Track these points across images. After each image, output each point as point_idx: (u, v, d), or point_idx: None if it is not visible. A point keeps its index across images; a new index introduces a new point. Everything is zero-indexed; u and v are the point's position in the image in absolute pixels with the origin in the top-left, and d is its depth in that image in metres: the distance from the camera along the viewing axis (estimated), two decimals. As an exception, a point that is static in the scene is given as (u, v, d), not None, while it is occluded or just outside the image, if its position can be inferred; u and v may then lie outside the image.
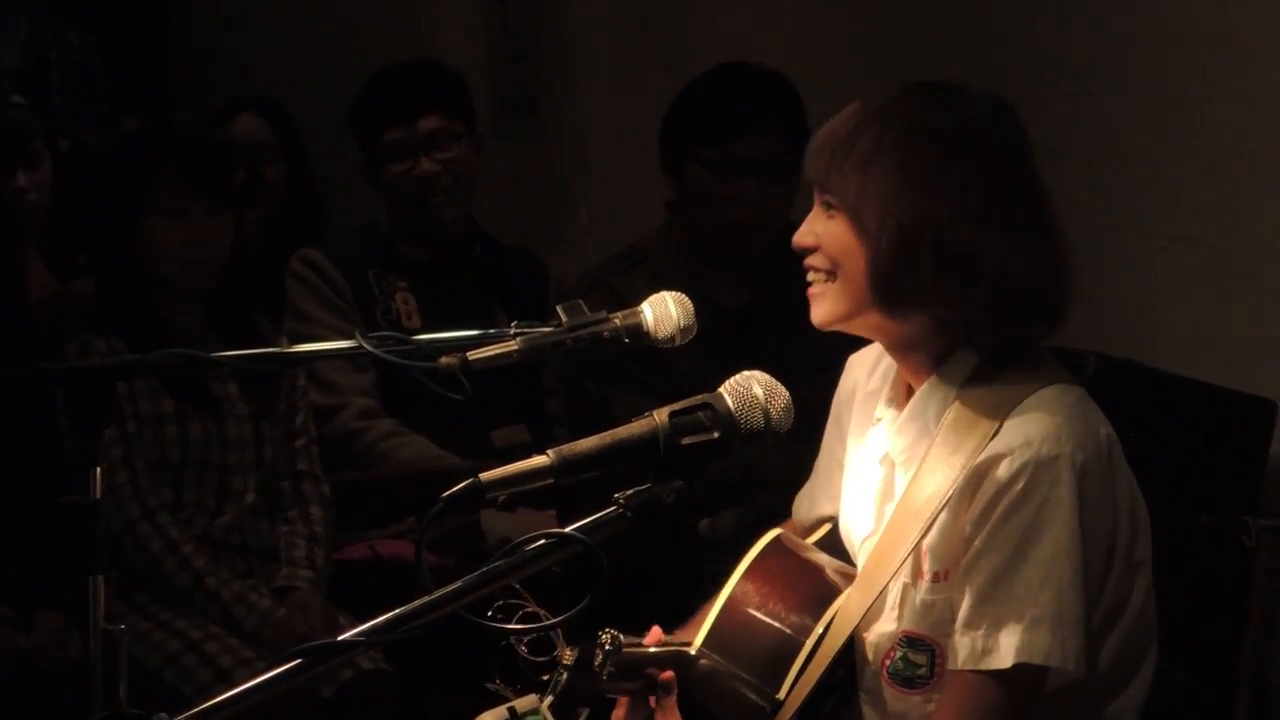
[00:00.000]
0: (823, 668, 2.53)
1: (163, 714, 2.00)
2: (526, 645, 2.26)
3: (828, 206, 2.56)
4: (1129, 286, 4.28)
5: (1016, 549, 2.44)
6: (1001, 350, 2.55)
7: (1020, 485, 2.45)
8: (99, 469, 2.46)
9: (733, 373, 2.35)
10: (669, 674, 2.51)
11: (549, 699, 2.34)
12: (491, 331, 2.53)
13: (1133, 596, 2.56)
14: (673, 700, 2.51)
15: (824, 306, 2.58)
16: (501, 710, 2.25)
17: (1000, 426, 2.48)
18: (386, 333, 2.56)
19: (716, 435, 2.25)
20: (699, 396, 2.28)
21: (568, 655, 2.24)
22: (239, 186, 3.90)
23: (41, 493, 3.30)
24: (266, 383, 3.89)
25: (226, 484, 3.83)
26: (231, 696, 2.01)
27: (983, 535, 2.46)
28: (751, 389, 2.29)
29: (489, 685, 2.45)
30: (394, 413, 4.29)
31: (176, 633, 3.69)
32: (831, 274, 2.55)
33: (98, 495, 2.46)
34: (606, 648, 2.25)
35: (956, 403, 2.53)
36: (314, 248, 4.46)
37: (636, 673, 2.50)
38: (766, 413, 2.28)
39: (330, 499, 3.98)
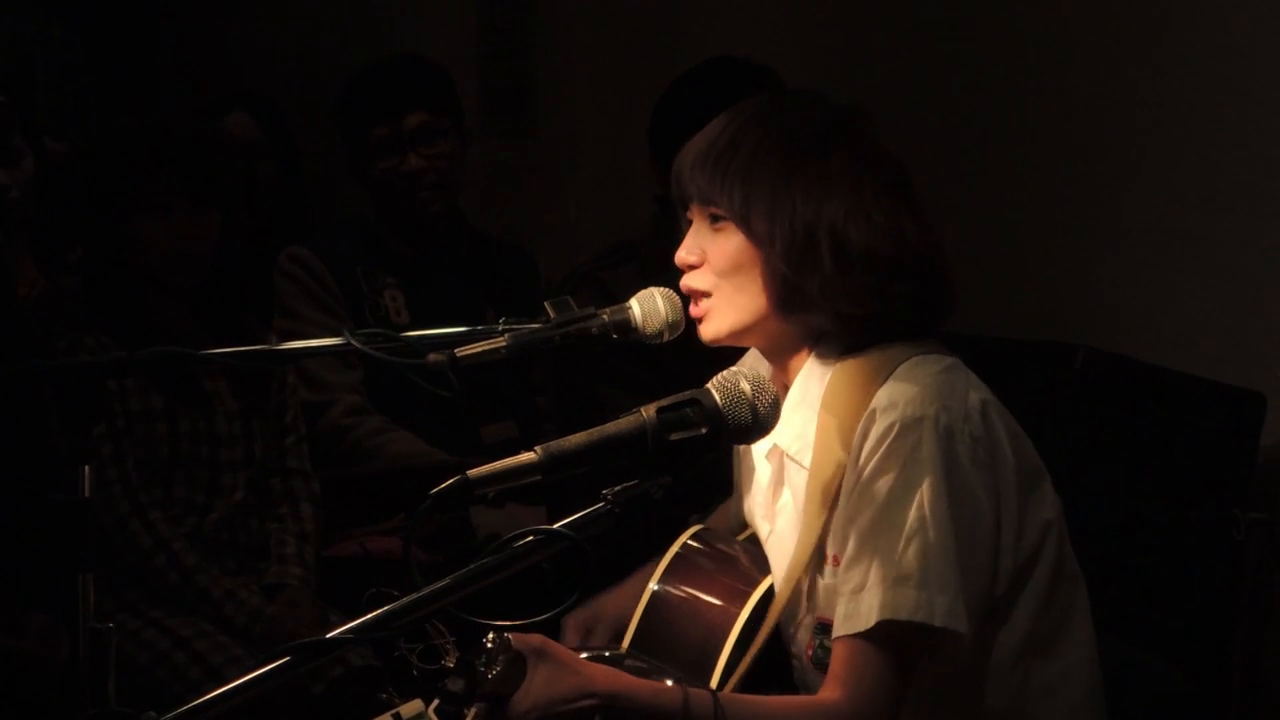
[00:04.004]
0: (749, 661, 2.53)
1: (152, 712, 2.00)
2: (418, 654, 2.26)
3: (714, 219, 2.54)
4: (1117, 280, 4.29)
5: (881, 511, 2.45)
6: (874, 331, 2.55)
7: (884, 448, 2.45)
8: (88, 466, 2.46)
9: (721, 368, 2.35)
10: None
11: (434, 703, 2.35)
12: (479, 328, 2.53)
13: (1042, 557, 2.55)
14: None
15: (716, 322, 2.56)
16: (386, 717, 2.27)
17: (873, 396, 2.49)
18: (375, 329, 2.56)
19: (704, 431, 2.26)
20: (686, 392, 2.29)
21: (452, 659, 2.24)
22: (226, 181, 3.88)
23: (31, 491, 3.29)
24: (256, 379, 3.89)
25: (216, 481, 3.82)
26: (222, 694, 2.01)
27: (853, 501, 2.47)
28: (739, 384, 2.31)
29: (381, 695, 2.45)
30: (383, 409, 4.28)
31: (166, 630, 3.68)
32: (717, 290, 2.54)
33: (87, 493, 2.46)
34: (489, 648, 2.25)
35: (832, 381, 2.54)
36: (302, 245, 4.46)
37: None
38: (753, 408, 2.30)
39: (320, 496, 3.98)
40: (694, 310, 2.58)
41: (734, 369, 2.34)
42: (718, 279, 2.54)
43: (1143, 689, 2.86)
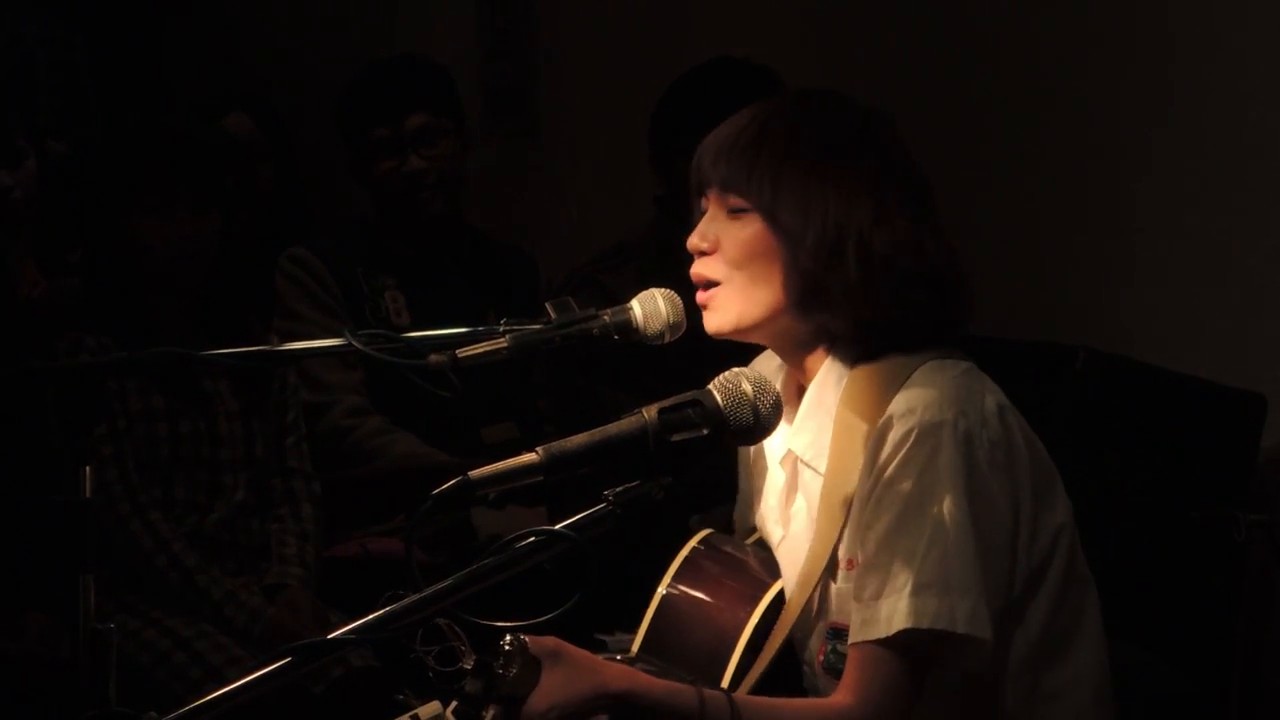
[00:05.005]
0: (764, 667, 2.52)
1: (153, 712, 2.00)
2: (435, 656, 2.26)
3: (734, 210, 2.51)
4: (1118, 281, 4.29)
5: (900, 517, 2.43)
6: (889, 338, 2.54)
7: (902, 454, 2.44)
8: (88, 467, 2.46)
9: (723, 369, 2.35)
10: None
11: (452, 704, 2.35)
12: (480, 329, 2.53)
13: (1055, 560, 2.54)
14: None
15: (723, 313, 2.54)
16: (405, 718, 2.27)
17: (890, 402, 2.47)
18: (376, 330, 2.56)
19: (706, 432, 2.26)
20: (688, 393, 2.28)
21: (469, 661, 2.24)
22: (227, 182, 3.88)
23: (31, 491, 3.29)
24: (257, 380, 3.89)
25: (217, 481, 3.82)
26: (222, 694, 2.01)
27: (870, 507, 2.46)
28: (740, 385, 2.30)
29: (398, 697, 2.45)
30: (384, 410, 4.28)
31: (167, 631, 3.68)
32: (728, 281, 2.52)
33: (87, 493, 2.46)
34: (506, 649, 2.25)
35: (849, 386, 2.52)
36: (303, 245, 4.46)
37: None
38: (755, 409, 2.29)
39: (320, 496, 3.98)
40: (700, 297, 2.55)
41: (736, 370, 2.34)
42: (730, 269, 2.52)
43: (1143, 689, 2.86)
